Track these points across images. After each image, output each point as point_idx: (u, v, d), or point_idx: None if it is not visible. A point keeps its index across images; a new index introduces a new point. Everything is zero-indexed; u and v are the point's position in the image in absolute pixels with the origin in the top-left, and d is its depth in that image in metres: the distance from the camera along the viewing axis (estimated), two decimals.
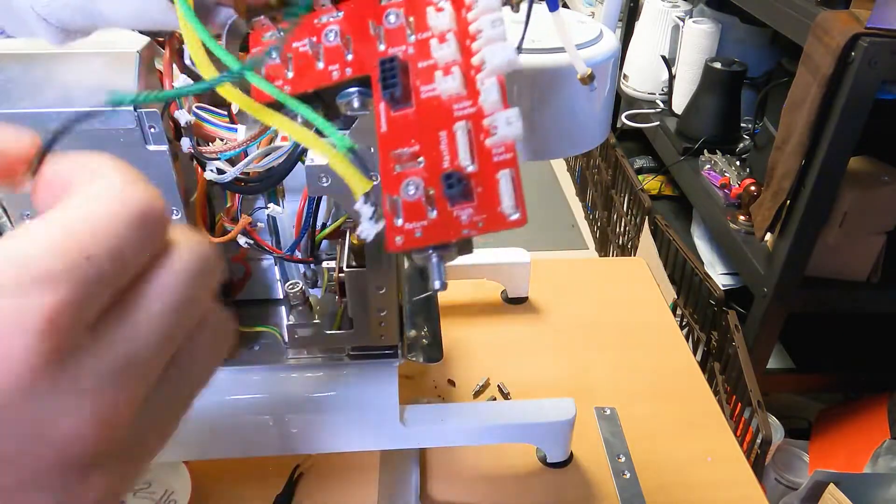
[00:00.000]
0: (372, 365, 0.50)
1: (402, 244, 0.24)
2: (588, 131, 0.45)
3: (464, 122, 0.25)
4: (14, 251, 0.16)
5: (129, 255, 0.17)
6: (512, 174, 0.23)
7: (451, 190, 0.23)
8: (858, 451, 1.09)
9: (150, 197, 0.18)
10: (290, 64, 0.28)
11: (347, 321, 0.47)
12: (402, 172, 0.25)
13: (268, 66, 0.28)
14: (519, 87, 0.41)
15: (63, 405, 0.16)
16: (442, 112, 0.25)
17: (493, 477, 0.57)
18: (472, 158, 0.24)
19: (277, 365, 0.49)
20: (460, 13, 0.26)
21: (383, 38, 0.27)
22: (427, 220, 0.24)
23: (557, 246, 1.96)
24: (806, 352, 1.30)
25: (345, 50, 0.27)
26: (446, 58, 0.25)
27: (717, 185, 1.29)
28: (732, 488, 0.57)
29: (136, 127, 0.36)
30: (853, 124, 0.90)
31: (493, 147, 0.24)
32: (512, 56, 0.24)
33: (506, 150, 0.24)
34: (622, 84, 1.69)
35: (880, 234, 1.06)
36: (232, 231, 0.43)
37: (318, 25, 0.28)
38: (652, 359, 0.69)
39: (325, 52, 0.27)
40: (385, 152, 0.25)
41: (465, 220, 0.24)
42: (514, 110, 0.24)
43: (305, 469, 0.56)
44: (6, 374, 0.15)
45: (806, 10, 0.97)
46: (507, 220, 0.23)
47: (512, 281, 0.75)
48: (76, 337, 0.16)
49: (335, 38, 0.27)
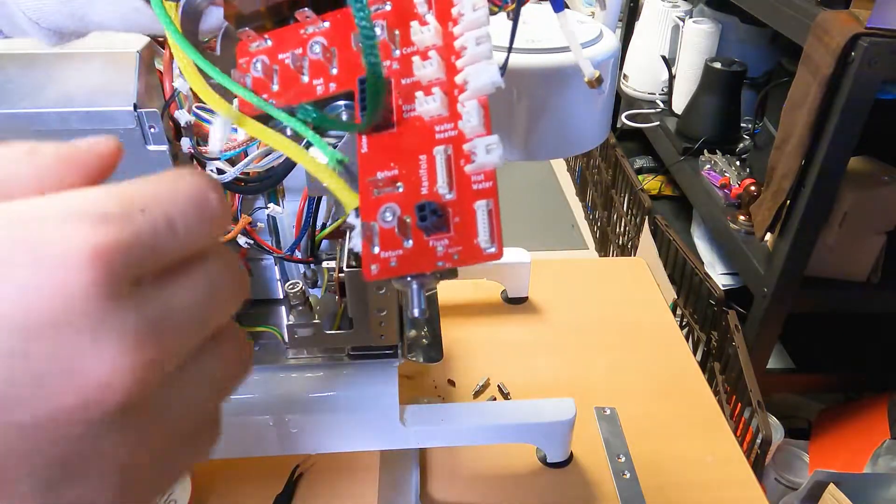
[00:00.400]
0: (372, 365, 0.50)
1: (378, 273, 0.23)
2: (588, 131, 0.45)
3: (443, 146, 0.24)
4: (77, 191, 0.16)
5: (181, 228, 0.17)
6: (489, 205, 0.23)
7: (424, 222, 0.22)
8: (858, 451, 1.09)
9: (213, 186, 0.18)
10: (275, 77, 0.27)
11: (347, 321, 0.47)
12: (381, 197, 0.24)
13: (255, 77, 0.27)
14: (519, 87, 0.41)
15: (98, 347, 0.15)
16: (424, 134, 0.24)
17: (493, 477, 0.57)
18: (451, 186, 0.23)
19: (277, 365, 0.49)
20: (447, 27, 0.25)
21: None
22: (402, 249, 0.23)
23: (557, 246, 1.96)
24: (806, 352, 1.30)
25: (328, 64, 0.26)
26: (428, 77, 0.24)
27: (717, 185, 1.29)
28: (732, 488, 0.57)
29: (136, 127, 0.36)
30: (853, 124, 0.90)
31: (473, 174, 0.23)
32: (495, 78, 0.23)
33: (485, 178, 0.23)
34: (622, 84, 1.69)
35: (880, 234, 1.06)
36: (232, 231, 0.43)
37: (305, 36, 0.27)
38: (652, 359, 0.70)
39: (309, 65, 0.26)
40: (364, 176, 0.24)
41: (441, 251, 0.23)
42: (494, 137, 0.23)
43: (305, 469, 0.56)
44: (47, 300, 0.14)
45: (806, 10, 0.97)
46: (482, 254, 0.22)
47: (512, 281, 0.75)
48: (122, 281, 0.15)
49: (319, 52, 0.26)
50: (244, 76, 0.28)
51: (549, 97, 0.42)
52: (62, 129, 0.36)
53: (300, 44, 0.27)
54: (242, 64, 0.28)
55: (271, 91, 0.27)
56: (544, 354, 0.70)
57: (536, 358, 0.69)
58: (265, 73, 0.27)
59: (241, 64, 0.28)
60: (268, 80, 0.27)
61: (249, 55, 0.28)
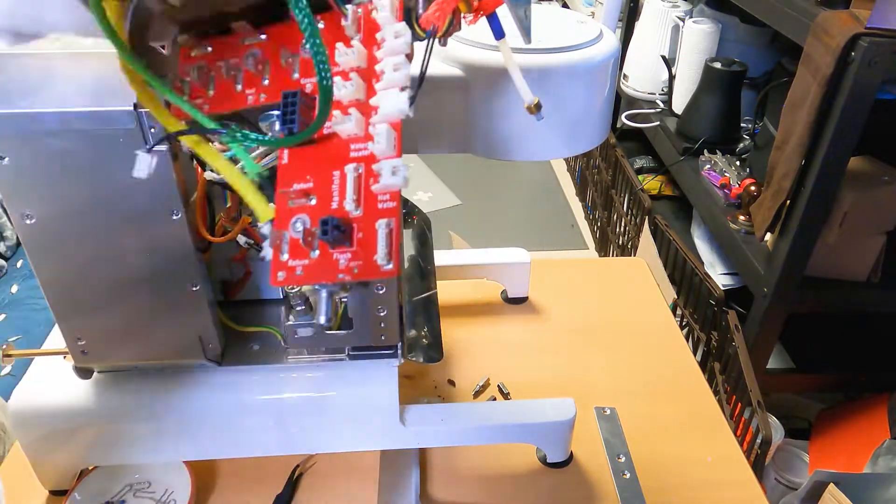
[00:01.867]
0: (372, 365, 0.50)
1: (284, 280, 0.25)
2: (588, 131, 0.45)
3: (354, 164, 0.25)
4: None
5: None
6: (391, 224, 0.24)
7: (325, 236, 0.24)
8: (858, 451, 1.09)
9: None
10: (211, 84, 0.28)
11: (347, 321, 0.47)
12: (294, 208, 0.25)
13: (193, 83, 0.28)
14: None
15: None
16: (339, 151, 0.25)
17: (493, 477, 0.57)
18: (359, 203, 0.25)
19: (277, 365, 0.49)
20: (371, 50, 0.26)
21: (298, 67, 0.27)
22: (309, 259, 0.25)
23: (557, 246, 1.96)
24: (806, 352, 1.29)
25: (261, 76, 0.27)
26: (348, 97, 0.25)
27: (717, 185, 1.29)
28: (732, 488, 0.57)
29: (136, 127, 0.36)
30: (853, 124, 0.90)
31: (378, 193, 0.24)
32: (402, 106, 0.25)
33: (390, 198, 0.24)
34: (622, 84, 1.69)
35: (880, 234, 1.06)
36: (232, 231, 0.43)
37: (242, 46, 0.28)
38: (652, 359, 0.70)
39: (244, 75, 0.27)
40: (280, 186, 0.26)
41: (343, 264, 0.24)
42: (400, 160, 0.24)
43: (305, 469, 0.56)
44: None
45: (806, 10, 0.98)
46: (380, 270, 0.24)
47: (512, 281, 0.75)
48: None
49: (252, 64, 0.27)
50: (182, 81, 0.28)
51: (550, 97, 0.42)
52: (62, 129, 0.36)
53: (237, 54, 0.28)
54: (184, 68, 0.29)
55: (207, 96, 0.28)
56: (544, 354, 0.70)
57: (536, 358, 0.69)
58: (201, 79, 0.28)
59: (181, 68, 0.29)
60: (204, 87, 0.28)
61: (189, 61, 0.29)
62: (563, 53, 0.41)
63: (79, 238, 0.40)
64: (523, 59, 0.41)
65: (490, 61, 0.41)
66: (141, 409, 0.48)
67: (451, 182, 2.26)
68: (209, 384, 0.49)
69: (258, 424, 0.49)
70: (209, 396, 0.48)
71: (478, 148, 0.44)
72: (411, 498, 0.53)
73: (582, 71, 0.42)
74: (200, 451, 0.50)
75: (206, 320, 0.45)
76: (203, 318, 0.45)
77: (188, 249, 0.41)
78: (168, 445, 0.50)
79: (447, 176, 2.29)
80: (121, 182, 0.38)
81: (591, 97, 0.44)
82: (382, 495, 0.54)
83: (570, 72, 0.41)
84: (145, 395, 0.48)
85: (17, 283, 1.29)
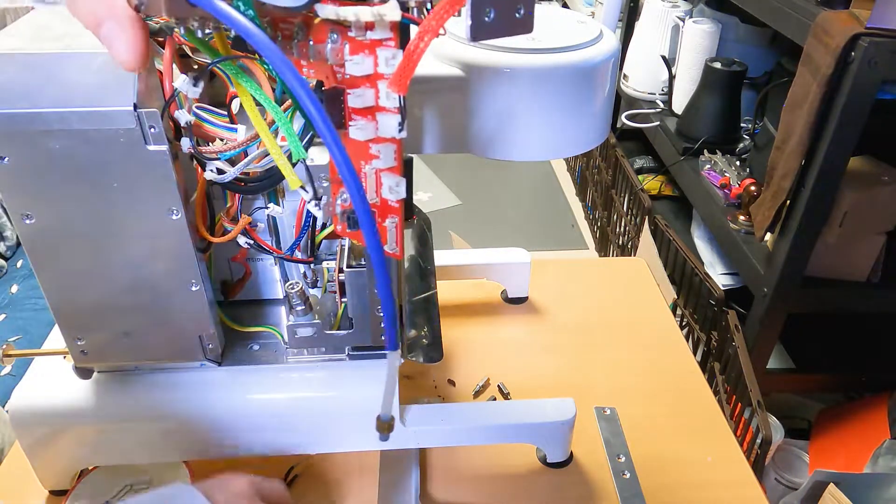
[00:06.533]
0: (372, 365, 0.50)
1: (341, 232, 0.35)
2: (588, 131, 0.45)
3: (371, 164, 0.31)
4: None
5: None
6: (395, 221, 0.33)
7: (348, 223, 0.34)
8: (858, 451, 1.09)
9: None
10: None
11: (347, 321, 0.47)
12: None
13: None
14: (519, 86, 0.41)
15: None
16: (360, 147, 0.31)
17: (493, 477, 0.57)
18: (377, 195, 0.32)
19: (277, 365, 0.49)
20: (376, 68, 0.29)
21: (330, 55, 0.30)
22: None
23: (557, 246, 1.96)
24: (806, 352, 1.29)
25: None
26: (359, 105, 0.30)
27: (717, 185, 1.29)
28: (732, 488, 0.57)
29: (136, 127, 0.36)
30: (853, 124, 0.90)
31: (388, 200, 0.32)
32: (393, 132, 0.30)
33: (397, 204, 0.32)
34: (622, 84, 1.69)
35: (880, 234, 1.06)
36: (232, 231, 0.43)
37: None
38: (652, 359, 0.69)
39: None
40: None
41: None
42: (397, 178, 0.31)
43: (301, 471, 0.56)
44: None
45: (806, 10, 0.97)
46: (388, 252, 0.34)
47: (512, 281, 0.75)
48: None
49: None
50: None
51: (549, 97, 0.42)
52: (62, 128, 0.36)
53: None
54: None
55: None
56: (544, 354, 0.70)
57: (536, 358, 0.69)
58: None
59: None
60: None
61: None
62: (563, 53, 0.41)
63: (79, 238, 0.40)
64: (524, 58, 0.41)
65: (490, 61, 0.41)
66: (141, 409, 0.48)
67: (451, 182, 2.26)
68: (209, 384, 0.49)
69: (258, 424, 0.49)
70: (209, 396, 0.48)
71: (478, 148, 0.44)
72: (411, 498, 0.53)
73: (582, 71, 0.42)
74: (200, 451, 0.50)
75: (206, 320, 0.45)
76: (203, 318, 0.45)
77: (188, 249, 0.41)
78: (168, 445, 0.50)
79: (447, 176, 2.29)
80: (121, 182, 0.38)
81: (592, 97, 0.44)
82: (382, 495, 0.54)
83: (570, 72, 0.41)
84: (145, 395, 0.48)
85: (17, 283, 1.29)
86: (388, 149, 0.30)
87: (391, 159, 0.30)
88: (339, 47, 0.28)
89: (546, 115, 0.42)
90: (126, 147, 0.36)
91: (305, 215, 0.45)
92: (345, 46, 0.28)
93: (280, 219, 0.47)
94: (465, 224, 2.02)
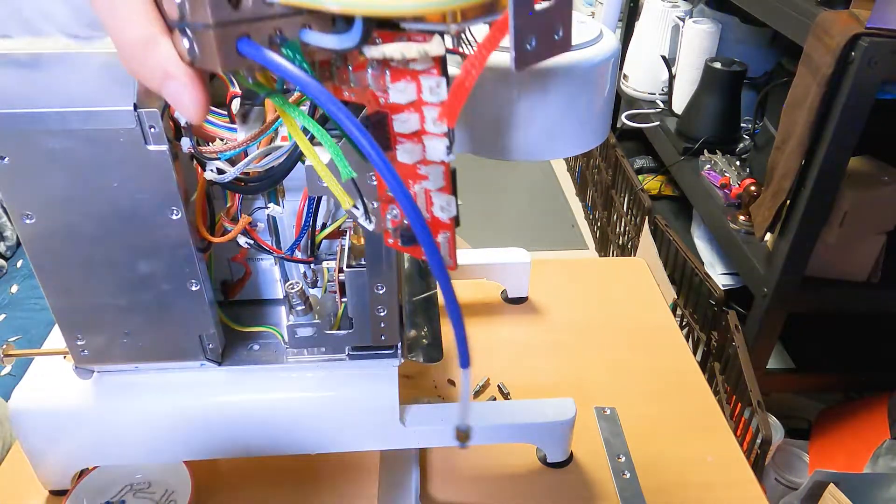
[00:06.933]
0: (372, 365, 0.50)
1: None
2: (588, 131, 0.45)
3: (420, 184, 0.31)
4: None
5: None
6: (447, 236, 0.33)
7: (402, 240, 0.33)
8: (858, 451, 1.09)
9: None
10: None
11: (347, 321, 0.47)
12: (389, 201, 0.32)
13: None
14: (519, 86, 0.41)
15: None
16: (407, 169, 0.31)
17: (493, 477, 0.57)
18: (428, 212, 0.32)
19: (277, 365, 0.49)
20: (420, 94, 0.29)
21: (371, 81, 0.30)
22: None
23: (557, 246, 1.96)
24: (806, 352, 1.30)
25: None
26: (405, 130, 0.30)
27: (717, 185, 1.29)
28: (732, 488, 0.57)
29: (136, 127, 0.36)
30: (853, 124, 0.90)
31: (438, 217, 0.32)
32: (442, 156, 0.29)
33: (449, 221, 0.32)
34: (622, 84, 1.69)
35: (880, 234, 1.06)
36: (232, 231, 0.43)
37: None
38: (652, 359, 0.69)
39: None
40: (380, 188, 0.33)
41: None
42: (447, 198, 0.31)
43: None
44: None
45: (806, 10, 0.97)
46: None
47: (512, 281, 0.75)
48: None
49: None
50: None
51: (549, 96, 0.42)
52: (62, 128, 0.36)
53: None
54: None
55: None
56: (544, 354, 0.70)
57: (536, 358, 0.69)
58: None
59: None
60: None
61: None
62: (563, 53, 0.41)
63: (79, 238, 0.40)
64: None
65: (490, 61, 0.41)
66: (141, 409, 0.48)
67: None
68: (209, 384, 0.49)
69: (258, 424, 0.49)
70: (209, 396, 0.48)
71: (478, 148, 0.44)
72: (411, 498, 0.53)
73: (582, 71, 0.42)
74: (200, 451, 0.50)
75: (206, 320, 0.45)
76: (203, 318, 0.45)
77: (188, 249, 0.41)
78: (168, 445, 0.50)
79: None
80: (121, 182, 0.38)
81: (591, 97, 0.44)
82: (382, 495, 0.54)
83: (570, 72, 0.41)
84: (145, 394, 0.48)
85: (17, 283, 1.29)
86: (437, 170, 0.30)
87: (440, 180, 0.30)
88: (380, 74, 0.28)
89: (546, 115, 0.42)
90: (126, 147, 0.36)
91: (305, 215, 0.45)
92: (385, 73, 0.28)
93: (280, 219, 0.47)
94: (465, 224, 2.01)
